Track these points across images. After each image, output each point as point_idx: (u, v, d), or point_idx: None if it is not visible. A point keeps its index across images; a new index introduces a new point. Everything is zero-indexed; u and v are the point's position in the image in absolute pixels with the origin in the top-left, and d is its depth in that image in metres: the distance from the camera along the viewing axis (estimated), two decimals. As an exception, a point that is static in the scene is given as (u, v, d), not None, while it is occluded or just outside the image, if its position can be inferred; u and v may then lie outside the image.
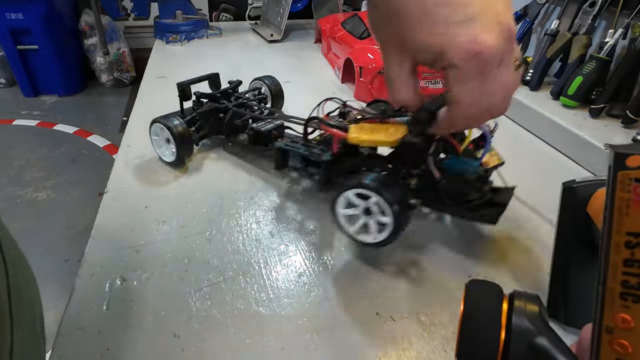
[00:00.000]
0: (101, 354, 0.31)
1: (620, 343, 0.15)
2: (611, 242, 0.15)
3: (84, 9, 2.56)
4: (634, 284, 0.15)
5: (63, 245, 1.50)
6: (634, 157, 0.15)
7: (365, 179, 0.36)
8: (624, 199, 0.15)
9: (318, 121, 0.45)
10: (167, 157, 0.54)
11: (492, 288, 0.19)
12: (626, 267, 0.15)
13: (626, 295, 0.15)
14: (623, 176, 0.15)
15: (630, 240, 0.15)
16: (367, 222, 0.38)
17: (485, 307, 0.18)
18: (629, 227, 0.15)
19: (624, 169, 0.15)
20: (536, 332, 0.17)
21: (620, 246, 0.15)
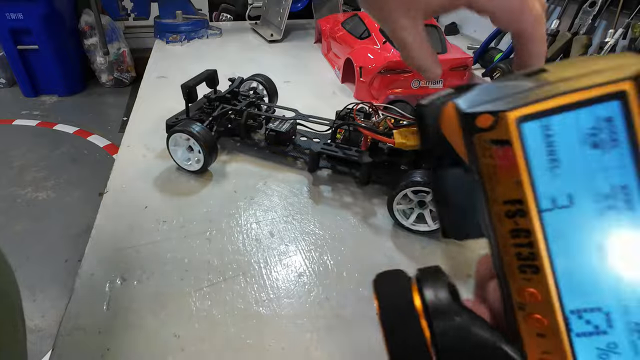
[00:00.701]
0: (101, 354, 0.31)
1: (535, 318, 0.14)
2: (492, 215, 0.14)
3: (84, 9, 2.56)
4: (527, 255, 0.14)
5: (63, 245, 1.49)
6: (483, 117, 0.13)
7: (423, 177, 0.41)
8: (489, 165, 0.14)
9: (355, 126, 0.49)
10: (192, 166, 0.52)
11: (399, 277, 0.17)
12: (514, 238, 0.14)
13: (524, 267, 0.14)
14: (480, 139, 0.14)
15: (510, 209, 0.14)
16: (422, 214, 0.44)
17: (399, 301, 0.17)
18: (503, 195, 0.14)
19: (478, 132, 0.14)
20: (452, 308, 0.16)
21: (502, 217, 0.14)
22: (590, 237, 0.13)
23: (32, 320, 1.22)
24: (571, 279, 0.13)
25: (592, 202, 0.13)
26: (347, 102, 0.56)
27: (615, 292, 0.13)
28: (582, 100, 0.13)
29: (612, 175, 0.13)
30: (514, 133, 0.13)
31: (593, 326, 0.13)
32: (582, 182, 0.13)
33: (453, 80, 0.75)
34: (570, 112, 0.13)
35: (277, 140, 0.53)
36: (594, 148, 0.13)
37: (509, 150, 0.13)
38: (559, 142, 0.13)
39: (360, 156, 0.48)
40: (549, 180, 0.13)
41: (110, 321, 0.34)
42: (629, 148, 0.13)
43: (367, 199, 0.50)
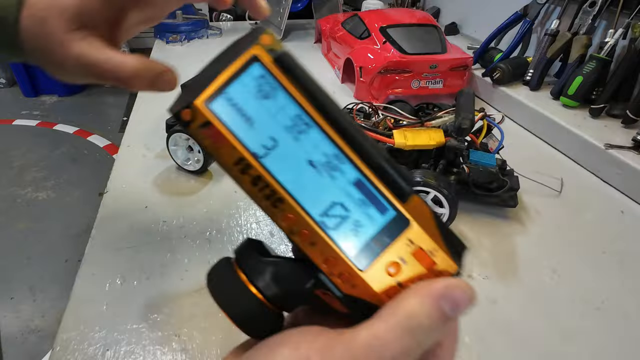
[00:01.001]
0: (101, 354, 0.31)
1: (303, 233, 0.17)
2: (233, 177, 0.17)
3: (84, 9, 2.56)
4: (269, 193, 0.17)
5: (63, 245, 1.50)
6: (184, 112, 0.16)
7: (423, 177, 0.41)
8: (209, 144, 0.17)
9: None
10: (192, 166, 0.52)
11: (222, 264, 0.20)
12: (255, 186, 0.17)
13: (274, 202, 0.17)
14: (193, 129, 0.16)
15: (240, 168, 0.17)
16: None
17: (229, 283, 0.19)
18: (230, 160, 0.17)
19: (188, 124, 0.16)
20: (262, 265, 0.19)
21: (239, 175, 0.17)
22: (300, 158, 0.17)
23: (32, 320, 1.22)
24: (306, 194, 0.17)
25: (287, 134, 0.17)
26: (347, 102, 0.56)
27: (336, 187, 0.17)
28: (236, 70, 0.17)
29: (286, 110, 0.17)
30: (207, 114, 0.16)
31: (338, 217, 0.17)
32: (273, 125, 0.17)
33: (453, 80, 0.75)
34: (236, 82, 0.17)
35: None
36: (266, 99, 0.17)
37: (213, 127, 0.16)
38: (243, 105, 0.17)
39: None
40: (252, 135, 0.17)
41: (110, 321, 0.34)
42: (282, 88, 0.17)
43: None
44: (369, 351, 0.16)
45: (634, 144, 0.56)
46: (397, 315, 0.16)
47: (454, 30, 1.11)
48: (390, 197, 0.18)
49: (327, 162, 0.17)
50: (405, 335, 0.16)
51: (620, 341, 0.35)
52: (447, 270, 0.18)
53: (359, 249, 0.17)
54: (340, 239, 0.17)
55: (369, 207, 0.17)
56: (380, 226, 0.17)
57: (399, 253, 0.17)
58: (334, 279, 0.18)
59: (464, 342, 0.34)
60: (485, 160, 0.45)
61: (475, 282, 0.40)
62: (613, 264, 0.43)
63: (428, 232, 0.18)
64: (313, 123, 0.17)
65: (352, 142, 0.18)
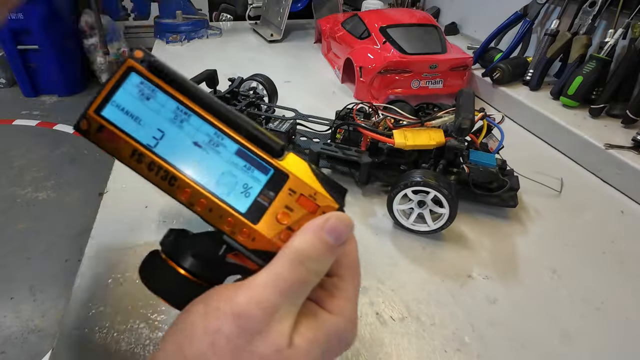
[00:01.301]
0: (101, 354, 0.31)
1: (202, 203, 0.21)
2: (132, 168, 0.21)
3: (84, 9, 2.56)
4: (164, 174, 0.20)
5: (63, 245, 1.49)
6: (82, 122, 0.21)
7: (423, 177, 0.41)
8: (108, 146, 0.21)
9: (354, 126, 0.49)
10: None
11: (152, 257, 0.23)
12: (151, 171, 0.20)
13: (171, 182, 0.20)
14: (92, 136, 0.21)
15: (136, 159, 0.20)
16: (422, 214, 0.43)
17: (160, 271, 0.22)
18: (127, 154, 0.20)
19: (86, 133, 0.21)
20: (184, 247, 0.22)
21: (137, 165, 0.20)
22: (187, 141, 0.20)
23: (32, 320, 1.22)
24: (197, 169, 0.20)
25: (171, 124, 0.20)
26: (347, 102, 0.56)
27: (222, 159, 0.20)
28: (116, 81, 0.20)
29: (167, 105, 0.20)
30: (99, 120, 0.20)
31: (229, 184, 0.20)
32: (158, 119, 0.20)
33: (453, 80, 0.75)
34: (120, 90, 0.20)
35: None
36: (148, 99, 0.20)
37: (107, 130, 0.20)
38: (129, 108, 0.20)
39: (360, 156, 0.48)
40: (143, 130, 0.20)
41: (111, 321, 0.34)
42: (159, 89, 0.20)
43: (367, 199, 0.50)
44: (266, 287, 0.18)
45: (633, 144, 0.56)
46: (288, 252, 0.19)
47: (454, 30, 1.11)
48: (267, 157, 0.21)
49: (210, 140, 0.21)
50: (297, 266, 0.19)
51: (620, 341, 0.35)
52: (330, 207, 0.21)
53: (250, 206, 0.20)
54: (233, 201, 0.20)
55: (252, 170, 0.21)
56: (264, 183, 0.20)
57: (285, 202, 0.20)
58: (237, 237, 0.21)
59: (464, 341, 0.34)
60: (485, 160, 0.45)
61: (475, 282, 0.40)
62: (613, 264, 0.43)
63: (307, 180, 0.21)
64: (191, 112, 0.21)
65: (226, 120, 0.21)
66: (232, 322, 0.18)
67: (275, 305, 0.18)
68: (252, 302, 0.18)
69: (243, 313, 0.18)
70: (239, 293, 0.18)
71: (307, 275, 0.19)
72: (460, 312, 0.36)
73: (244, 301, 0.18)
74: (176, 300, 0.21)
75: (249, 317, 0.18)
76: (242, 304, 0.18)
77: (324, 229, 0.19)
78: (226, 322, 0.18)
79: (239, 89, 0.60)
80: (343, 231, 0.20)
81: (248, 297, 0.18)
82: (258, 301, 0.18)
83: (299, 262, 0.19)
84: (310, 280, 0.19)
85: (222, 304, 0.18)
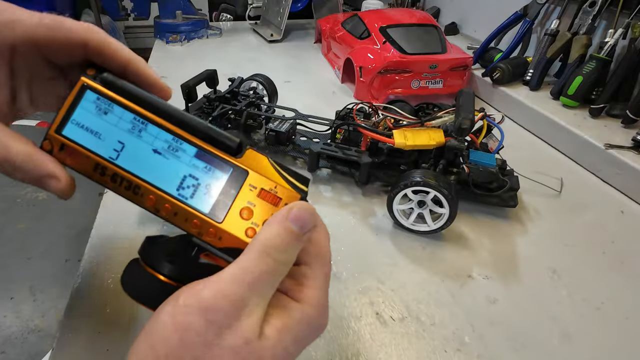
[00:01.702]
0: (101, 355, 0.31)
1: (166, 208, 0.21)
2: (97, 181, 0.22)
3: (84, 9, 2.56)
4: (128, 184, 0.21)
5: (63, 245, 1.49)
6: (45, 143, 0.22)
7: (423, 177, 0.41)
8: (70, 162, 0.22)
9: (354, 126, 0.50)
10: None
11: (132, 266, 0.23)
12: (115, 182, 0.21)
13: (135, 191, 0.21)
14: (56, 156, 0.22)
15: (99, 171, 0.21)
16: (421, 214, 0.43)
17: (140, 279, 0.22)
18: (88, 168, 0.21)
19: (51, 152, 0.22)
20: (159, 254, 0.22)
21: (101, 177, 0.21)
22: (146, 150, 0.21)
23: (32, 320, 1.22)
24: (159, 176, 0.21)
25: (130, 135, 0.21)
26: (347, 102, 0.56)
27: (182, 163, 0.21)
28: (73, 100, 0.21)
29: (124, 117, 0.21)
30: (60, 139, 0.21)
31: (192, 186, 0.21)
32: (117, 132, 0.21)
33: (453, 80, 0.75)
34: (78, 108, 0.21)
35: (276, 140, 0.53)
36: (106, 114, 0.21)
37: (68, 147, 0.21)
38: (89, 124, 0.21)
39: (360, 156, 0.48)
40: (103, 144, 0.21)
41: (111, 321, 0.34)
42: (115, 103, 0.21)
43: (367, 199, 0.50)
44: (234, 280, 0.18)
45: (633, 144, 0.56)
46: (254, 245, 0.19)
47: (453, 30, 1.11)
48: (225, 156, 0.21)
49: (169, 146, 0.21)
50: (263, 258, 0.19)
51: (620, 341, 0.35)
52: (292, 197, 0.21)
53: (213, 206, 0.21)
54: (196, 202, 0.21)
55: (213, 170, 0.21)
56: (225, 182, 0.21)
57: (247, 198, 0.21)
58: (205, 237, 0.21)
59: (464, 341, 0.34)
60: (485, 160, 0.45)
61: (475, 282, 0.40)
62: (613, 264, 0.43)
63: (266, 174, 0.21)
64: (147, 121, 0.21)
65: (182, 124, 0.21)
66: (201, 316, 0.18)
67: (244, 298, 0.18)
68: (219, 295, 0.18)
69: (211, 307, 0.18)
70: (205, 288, 0.18)
71: (274, 266, 0.19)
72: (460, 312, 0.36)
73: (210, 295, 0.18)
74: (158, 305, 0.21)
75: (217, 311, 0.18)
76: (209, 298, 0.18)
77: (288, 219, 0.20)
78: (195, 317, 0.18)
79: (239, 89, 0.60)
80: (307, 219, 0.20)
81: (215, 291, 0.18)
82: (225, 294, 0.18)
83: (265, 254, 0.19)
84: (278, 271, 0.19)
85: (190, 299, 0.18)
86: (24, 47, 0.22)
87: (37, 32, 0.22)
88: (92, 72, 0.22)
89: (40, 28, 0.22)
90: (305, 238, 0.20)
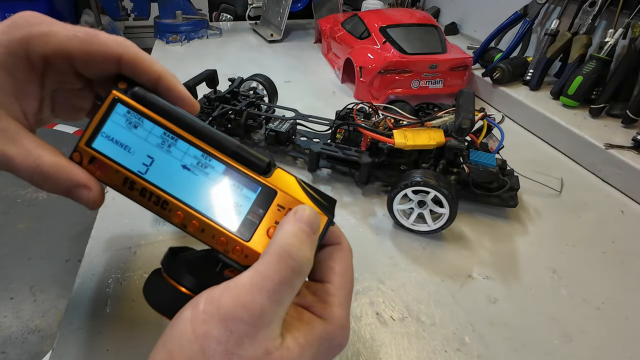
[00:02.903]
0: (101, 355, 0.31)
1: (194, 225, 0.21)
2: (126, 195, 0.22)
3: (84, 9, 2.56)
4: (156, 199, 0.21)
5: (63, 245, 1.49)
6: (74, 155, 0.22)
7: (423, 177, 0.41)
8: (100, 176, 0.22)
9: (354, 126, 0.49)
10: None
11: (154, 277, 0.23)
12: (143, 197, 0.21)
13: (163, 206, 0.21)
14: (86, 169, 0.22)
15: (128, 185, 0.22)
16: (422, 213, 0.43)
17: (162, 290, 0.22)
18: (118, 183, 0.22)
19: (81, 163, 0.22)
20: (180, 265, 0.22)
21: (129, 191, 0.22)
22: (176, 166, 0.21)
23: (32, 320, 1.22)
24: (187, 192, 0.21)
25: (159, 150, 0.21)
26: (347, 102, 0.56)
27: (210, 181, 0.21)
28: (104, 113, 0.21)
29: (154, 132, 0.21)
30: (90, 152, 0.21)
31: (220, 204, 0.21)
32: (147, 146, 0.21)
33: (453, 80, 0.75)
34: (108, 121, 0.21)
35: (276, 141, 0.53)
36: (136, 128, 0.21)
37: (98, 160, 0.21)
38: (119, 137, 0.21)
39: (360, 156, 0.48)
40: (133, 158, 0.21)
41: (111, 322, 0.34)
42: (145, 117, 0.21)
43: (367, 199, 0.50)
44: (253, 288, 0.18)
45: (634, 144, 0.56)
46: (272, 247, 0.19)
47: (453, 30, 1.11)
48: (254, 175, 0.21)
49: (197, 162, 0.21)
50: (282, 262, 0.19)
51: (620, 341, 0.35)
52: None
53: (240, 224, 0.21)
54: (223, 220, 0.21)
55: (241, 188, 0.21)
56: (253, 201, 0.21)
57: (274, 218, 0.21)
58: (230, 255, 0.21)
59: (464, 341, 0.34)
60: (485, 160, 0.45)
61: (475, 282, 0.40)
62: (613, 263, 0.43)
63: (295, 195, 0.21)
64: (177, 136, 0.21)
65: (212, 141, 0.21)
66: (221, 325, 0.18)
67: (263, 307, 0.18)
68: (238, 304, 0.18)
69: (231, 316, 0.18)
70: (224, 295, 0.18)
71: (292, 272, 0.19)
72: (461, 312, 0.36)
73: (230, 303, 0.18)
74: None
75: (237, 320, 0.18)
76: (229, 306, 0.18)
77: (297, 220, 0.20)
78: (214, 325, 0.18)
79: (239, 89, 0.60)
80: (314, 219, 0.20)
81: (234, 299, 0.18)
82: (244, 303, 0.18)
83: (284, 257, 0.19)
84: (294, 280, 0.19)
85: (210, 307, 0.18)
86: (57, 60, 0.22)
87: (70, 45, 0.22)
88: (123, 86, 0.22)
89: (74, 41, 0.22)
90: (316, 238, 0.20)
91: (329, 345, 0.20)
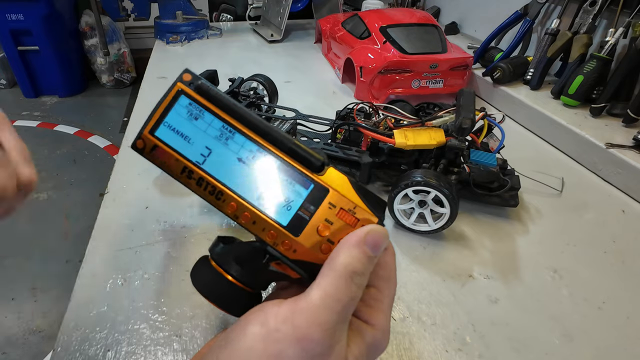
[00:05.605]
0: (102, 355, 0.31)
1: (246, 216, 0.22)
2: (183, 183, 0.22)
3: (85, 10, 2.56)
4: (212, 189, 0.22)
5: (64, 245, 1.50)
6: (138, 142, 0.22)
7: (423, 176, 0.40)
8: (161, 162, 0.22)
9: (355, 126, 0.49)
10: None
11: (202, 262, 0.24)
12: (200, 186, 0.22)
13: (218, 196, 0.22)
14: (147, 154, 0.22)
15: (186, 174, 0.22)
16: (422, 213, 0.43)
17: (209, 275, 0.23)
18: (177, 170, 0.22)
19: (142, 151, 0.22)
20: (227, 254, 0.23)
21: (187, 180, 0.22)
22: (232, 158, 0.22)
23: (33, 320, 1.22)
24: (241, 184, 0.22)
25: (217, 142, 0.22)
26: (347, 102, 0.56)
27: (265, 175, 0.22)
28: (168, 104, 0.22)
29: (213, 125, 0.22)
30: (153, 140, 0.22)
31: (273, 198, 0.21)
32: (206, 137, 0.22)
33: (454, 80, 0.75)
34: (171, 112, 0.22)
35: None
36: (196, 120, 0.22)
37: (160, 149, 0.22)
38: (179, 128, 0.22)
39: (360, 156, 0.48)
40: (191, 148, 0.22)
41: (111, 322, 0.34)
42: (206, 110, 0.22)
43: (368, 199, 0.50)
44: (325, 308, 0.18)
45: (634, 143, 0.56)
46: (336, 269, 0.19)
47: (454, 29, 1.11)
48: (307, 172, 0.22)
49: (253, 156, 0.22)
50: (349, 285, 0.19)
51: (621, 341, 0.35)
52: (368, 220, 0.21)
53: (291, 220, 0.21)
54: (275, 214, 0.21)
55: (294, 184, 0.21)
56: (305, 197, 0.21)
57: (325, 216, 0.21)
58: (279, 248, 0.21)
59: (465, 341, 0.34)
60: (486, 159, 0.44)
61: (476, 282, 0.40)
62: (614, 263, 0.43)
63: (346, 194, 0.21)
64: (235, 130, 0.22)
65: (268, 137, 0.22)
66: (296, 345, 0.18)
67: (334, 327, 0.18)
68: (313, 324, 0.18)
69: (306, 336, 0.18)
70: (297, 314, 0.18)
71: (356, 290, 0.19)
72: (462, 312, 0.36)
73: (305, 324, 0.18)
74: (223, 303, 0.23)
75: (312, 340, 0.18)
76: (304, 326, 0.18)
77: (365, 242, 0.20)
78: (289, 345, 0.18)
79: (239, 89, 0.60)
80: (381, 243, 0.20)
81: (309, 320, 0.18)
82: (319, 323, 0.18)
83: (350, 280, 0.19)
84: (358, 296, 0.20)
85: (282, 325, 0.18)
86: None
87: None
88: (187, 78, 0.23)
89: None
90: (376, 260, 0.21)
91: (375, 351, 0.21)
